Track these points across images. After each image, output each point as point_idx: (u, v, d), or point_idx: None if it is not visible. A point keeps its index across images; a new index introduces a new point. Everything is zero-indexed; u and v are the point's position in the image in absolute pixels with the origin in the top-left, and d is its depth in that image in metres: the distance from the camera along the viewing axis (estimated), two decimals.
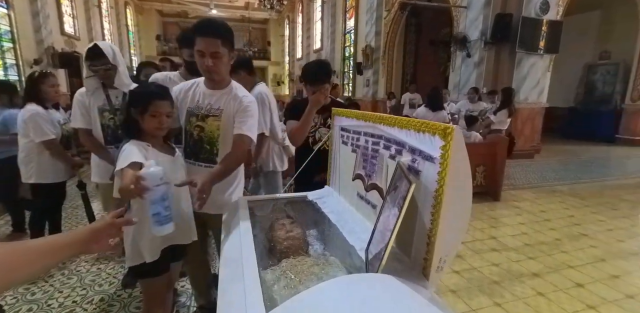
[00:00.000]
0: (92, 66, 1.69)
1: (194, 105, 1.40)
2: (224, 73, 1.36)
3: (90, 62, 1.69)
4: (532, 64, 6.00)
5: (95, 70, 1.70)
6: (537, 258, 2.43)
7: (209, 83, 1.39)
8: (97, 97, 1.78)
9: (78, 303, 1.85)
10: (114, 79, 1.74)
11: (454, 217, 0.67)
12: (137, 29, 18.66)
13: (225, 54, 1.29)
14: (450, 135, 0.64)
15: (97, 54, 1.67)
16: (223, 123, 1.37)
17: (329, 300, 0.56)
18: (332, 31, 13.48)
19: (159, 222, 0.88)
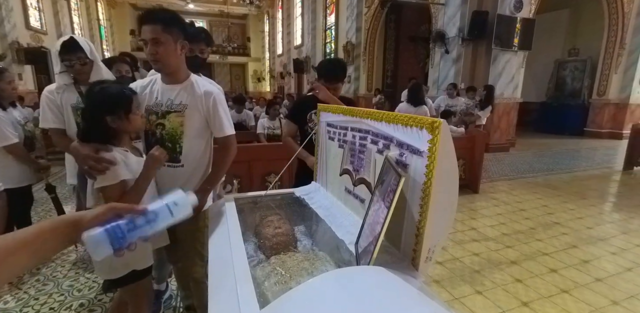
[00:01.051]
0: (67, 60, 1.59)
1: (152, 103, 1.33)
2: (172, 63, 1.25)
3: (65, 56, 1.59)
4: (507, 60, 6.21)
5: (70, 65, 1.60)
6: (514, 246, 2.55)
7: (165, 78, 1.33)
8: (69, 95, 1.67)
9: (56, 309, 1.78)
10: (89, 74, 1.65)
11: (442, 208, 0.69)
12: (110, 24, 17.88)
13: (169, 41, 1.20)
14: (437, 129, 0.66)
15: (73, 48, 1.58)
16: (187, 119, 1.31)
17: (323, 294, 0.57)
18: (312, 27, 13.40)
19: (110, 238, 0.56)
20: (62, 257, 2.35)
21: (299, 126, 1.89)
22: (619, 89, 7.82)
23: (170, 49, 1.22)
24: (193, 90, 1.32)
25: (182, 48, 1.27)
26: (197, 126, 1.33)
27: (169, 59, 1.23)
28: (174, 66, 1.28)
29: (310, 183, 1.39)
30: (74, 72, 1.64)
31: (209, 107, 1.31)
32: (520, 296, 1.92)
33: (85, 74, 1.64)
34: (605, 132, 8.03)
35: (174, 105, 1.31)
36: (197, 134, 1.35)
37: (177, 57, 1.26)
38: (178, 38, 1.24)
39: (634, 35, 7.48)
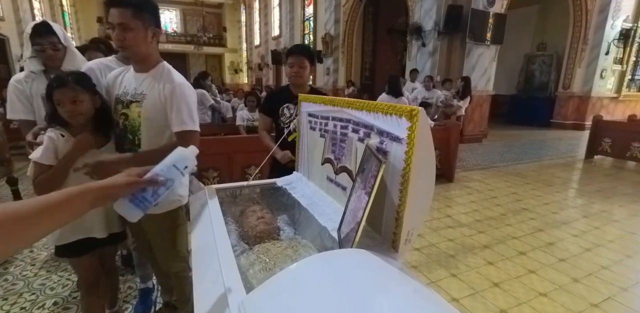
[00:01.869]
0: (38, 45, 1.50)
1: (121, 92, 1.28)
2: (142, 51, 1.19)
3: (36, 40, 1.50)
4: (480, 54, 6.40)
5: (41, 50, 1.51)
6: (486, 232, 2.69)
7: (134, 65, 1.27)
8: (39, 84, 1.56)
9: (27, 309, 1.71)
10: (62, 61, 1.56)
11: (420, 192, 0.73)
12: (74, 10, 16.76)
13: (139, 28, 1.14)
14: (416, 116, 0.68)
15: (46, 31, 1.51)
16: (145, 109, 1.22)
17: (308, 276, 0.59)
18: (290, 18, 13.19)
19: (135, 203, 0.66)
20: (31, 255, 2.25)
21: (273, 119, 1.88)
22: (582, 82, 8.28)
23: (140, 36, 1.15)
24: (157, 79, 1.24)
25: (154, 35, 1.20)
26: (156, 118, 1.23)
27: (139, 46, 1.17)
28: (143, 54, 1.21)
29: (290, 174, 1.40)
30: (45, 58, 1.54)
31: (166, 97, 1.21)
32: (491, 277, 2.05)
33: (58, 60, 1.56)
34: (570, 123, 8.51)
35: (136, 95, 1.24)
36: (157, 126, 1.25)
37: (147, 45, 1.20)
38: (150, 25, 1.17)
39: (596, 31, 7.90)
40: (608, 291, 1.92)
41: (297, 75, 1.78)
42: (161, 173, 0.68)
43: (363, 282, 0.57)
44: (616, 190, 3.81)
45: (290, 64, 1.77)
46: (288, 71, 1.80)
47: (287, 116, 1.81)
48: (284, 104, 1.83)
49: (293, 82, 1.82)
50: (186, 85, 1.26)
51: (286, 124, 1.81)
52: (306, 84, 1.87)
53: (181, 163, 0.70)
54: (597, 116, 5.41)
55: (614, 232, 2.73)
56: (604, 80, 8.26)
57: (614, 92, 8.67)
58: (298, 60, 1.76)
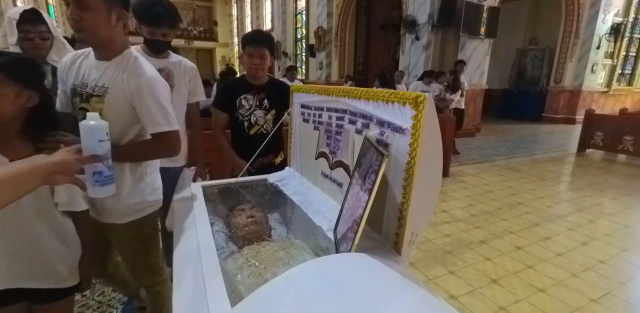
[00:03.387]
0: (25, 32, 1.43)
1: (78, 82, 1.08)
2: (102, 35, 1.00)
3: (24, 27, 1.43)
4: (474, 48, 6.35)
5: (28, 38, 1.44)
6: (482, 227, 2.65)
7: (95, 51, 1.07)
8: None
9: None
10: (48, 51, 1.47)
11: (427, 189, 0.65)
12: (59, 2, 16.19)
13: (100, 7, 0.95)
14: (422, 103, 0.61)
15: (34, 19, 1.45)
16: (107, 107, 1.03)
17: (302, 286, 0.51)
18: (282, 11, 12.94)
19: (99, 182, 0.78)
20: None
21: (230, 114, 1.69)
22: (573, 76, 8.31)
23: (101, 17, 0.96)
24: (121, 70, 1.04)
25: (119, 19, 1.01)
26: (120, 116, 1.04)
27: (98, 29, 0.98)
28: (103, 38, 1.01)
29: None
30: (31, 47, 1.46)
31: (132, 93, 1.02)
32: (489, 273, 2.00)
33: (44, 50, 1.49)
34: (561, 117, 8.56)
35: (97, 88, 1.04)
36: (122, 125, 1.05)
37: (110, 29, 1.00)
38: (114, 6, 0.99)
39: (588, 26, 7.91)
40: (606, 286, 1.90)
41: (257, 67, 1.60)
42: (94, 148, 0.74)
43: (366, 294, 0.50)
44: (608, 183, 3.82)
45: (249, 53, 1.59)
46: (246, 62, 1.61)
47: (247, 108, 1.66)
48: (241, 95, 1.66)
49: (253, 74, 1.64)
50: (156, 78, 1.07)
51: (246, 116, 1.67)
52: (264, 76, 1.71)
53: (100, 134, 0.75)
54: (590, 110, 5.42)
55: (609, 225, 2.72)
56: (594, 75, 8.30)
57: (605, 86, 8.73)
58: (258, 51, 1.57)
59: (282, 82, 1.87)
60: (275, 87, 1.73)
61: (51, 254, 0.94)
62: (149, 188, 1.16)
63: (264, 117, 1.70)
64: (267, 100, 1.69)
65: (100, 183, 0.77)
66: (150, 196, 1.17)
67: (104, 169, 0.77)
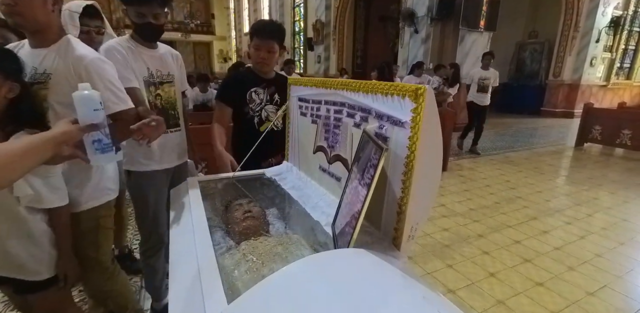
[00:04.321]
0: (86, 26, 1.48)
1: None
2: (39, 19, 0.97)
3: (85, 21, 1.48)
4: (474, 41, 6.30)
5: (87, 32, 1.48)
6: (480, 220, 2.65)
7: (30, 39, 1.05)
8: None
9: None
10: (100, 44, 1.45)
11: (426, 183, 0.64)
12: None
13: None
14: (422, 96, 0.59)
15: (95, 14, 1.51)
16: (51, 92, 1.02)
17: (300, 282, 0.50)
18: (280, 4, 12.78)
19: (100, 149, 0.80)
20: None
21: (236, 109, 1.54)
22: (572, 70, 8.27)
23: (37, 1, 0.93)
24: (62, 55, 1.02)
25: (55, 3, 0.98)
26: (66, 101, 1.00)
27: (35, 14, 0.94)
28: (41, 24, 0.98)
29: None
30: (87, 40, 1.43)
31: (81, 76, 1.00)
32: (487, 267, 2.01)
33: (98, 43, 1.48)
34: (560, 111, 8.55)
35: (37, 75, 1.02)
36: (68, 111, 1.02)
37: (47, 13, 0.97)
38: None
39: (587, 18, 7.84)
40: (603, 279, 1.91)
41: (264, 62, 1.48)
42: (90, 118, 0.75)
43: (365, 290, 0.49)
44: (607, 177, 3.82)
45: (255, 46, 1.46)
46: (253, 54, 1.49)
47: (257, 102, 1.54)
48: (251, 88, 1.53)
49: (259, 69, 1.54)
50: (101, 59, 1.06)
51: (257, 111, 1.54)
52: (272, 70, 1.59)
53: (94, 103, 0.76)
54: (588, 104, 5.41)
55: (606, 219, 2.73)
56: (593, 68, 8.26)
57: (603, 80, 8.70)
58: (266, 44, 1.45)
59: (285, 77, 1.79)
60: (283, 81, 1.51)
61: (16, 250, 0.95)
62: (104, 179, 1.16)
63: (275, 113, 1.55)
64: (277, 94, 1.56)
65: (100, 151, 0.80)
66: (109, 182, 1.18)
67: (102, 137, 0.78)
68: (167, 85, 1.37)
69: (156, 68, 1.33)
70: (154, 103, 1.33)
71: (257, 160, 1.37)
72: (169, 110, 1.39)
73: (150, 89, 1.31)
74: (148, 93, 1.30)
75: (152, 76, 1.31)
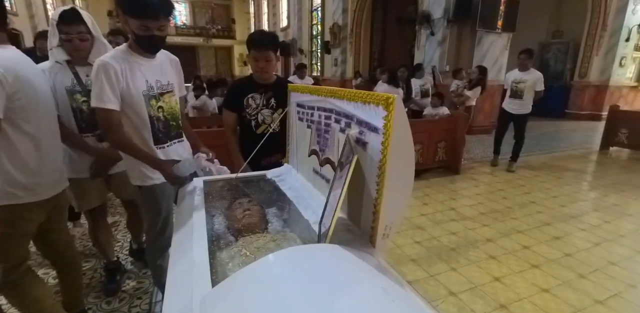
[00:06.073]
0: (65, 33, 1.38)
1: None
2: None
3: (63, 28, 1.38)
4: (491, 42, 6.18)
5: (67, 39, 1.39)
6: (490, 225, 2.62)
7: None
8: (63, 76, 1.46)
9: None
10: (88, 52, 1.45)
11: (398, 185, 0.69)
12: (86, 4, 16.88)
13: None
14: (392, 104, 0.64)
15: (74, 19, 1.39)
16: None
17: (273, 270, 0.57)
18: (298, 8, 12.99)
19: None
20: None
21: (238, 113, 1.70)
22: (600, 71, 7.93)
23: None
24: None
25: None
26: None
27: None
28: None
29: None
30: (71, 48, 1.42)
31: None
32: (492, 272, 2.00)
33: (84, 51, 1.44)
34: (585, 113, 8.20)
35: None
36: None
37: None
38: None
39: (616, 16, 7.51)
40: (615, 287, 1.85)
41: (262, 71, 1.60)
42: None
43: (329, 280, 0.54)
44: (631, 183, 3.66)
45: (254, 57, 1.58)
46: (252, 64, 1.62)
47: (253, 107, 1.68)
48: (248, 94, 1.67)
49: (259, 77, 1.66)
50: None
51: (253, 115, 1.68)
52: (272, 76, 1.71)
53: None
54: (614, 106, 5.18)
55: (627, 226, 2.63)
56: (623, 69, 7.88)
57: (634, 80, 8.28)
58: (263, 55, 1.56)
59: (289, 81, 1.89)
60: (283, 86, 1.67)
61: None
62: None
63: (270, 116, 1.71)
64: (274, 99, 1.70)
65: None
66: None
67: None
68: (168, 95, 1.35)
69: (156, 78, 1.30)
70: (156, 116, 1.30)
71: (257, 160, 1.48)
72: (171, 121, 1.37)
73: (151, 102, 1.28)
74: (149, 107, 1.27)
75: (151, 89, 1.28)
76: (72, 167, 1.53)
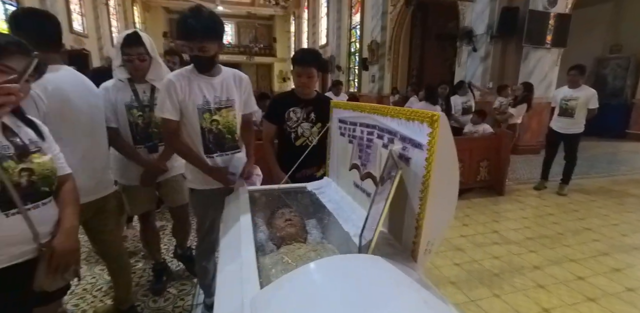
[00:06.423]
0: (127, 55, 1.53)
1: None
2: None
3: (126, 50, 1.53)
4: (539, 58, 5.92)
5: (129, 60, 1.54)
6: (538, 251, 2.44)
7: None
8: (124, 93, 1.61)
9: (89, 290, 1.92)
10: (147, 71, 1.60)
11: (441, 201, 0.70)
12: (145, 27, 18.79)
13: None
14: (436, 122, 0.67)
15: (135, 42, 1.53)
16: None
17: (316, 277, 0.60)
18: (337, 27, 13.41)
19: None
20: None
21: (278, 126, 1.79)
22: None
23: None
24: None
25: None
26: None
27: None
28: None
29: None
30: (132, 68, 1.57)
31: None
32: (541, 302, 1.85)
33: (143, 70, 1.59)
34: None
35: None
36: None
37: None
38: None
39: None
40: None
41: (304, 86, 1.71)
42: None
43: (371, 289, 0.56)
44: None
45: (297, 73, 1.68)
46: (295, 80, 1.73)
47: (294, 120, 1.76)
48: (290, 108, 1.76)
49: (301, 91, 1.76)
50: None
51: (293, 128, 1.76)
52: (313, 91, 1.81)
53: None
54: None
55: None
56: None
57: None
58: (306, 71, 1.67)
59: (328, 98, 1.97)
60: (322, 102, 1.79)
61: None
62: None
63: (309, 130, 1.79)
64: (314, 113, 1.78)
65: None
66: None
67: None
68: (226, 110, 1.42)
69: (214, 95, 1.39)
70: (208, 128, 1.40)
71: (293, 171, 1.54)
72: (226, 134, 1.45)
73: (205, 115, 1.38)
74: (202, 119, 1.38)
75: (207, 103, 1.38)
76: (126, 175, 1.70)
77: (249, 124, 1.61)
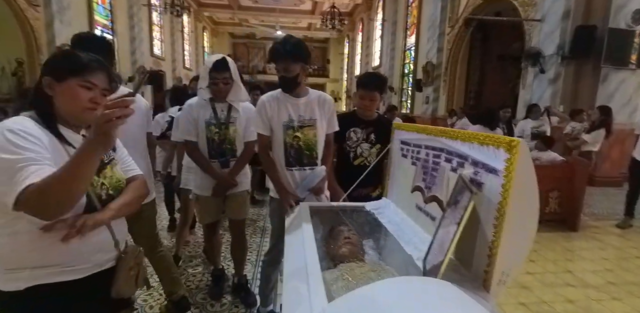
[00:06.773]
0: (213, 78, 1.69)
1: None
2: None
3: (213, 74, 1.69)
4: (622, 80, 5.35)
5: (214, 83, 1.70)
6: (623, 299, 2.11)
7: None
8: (205, 111, 1.77)
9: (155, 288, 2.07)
10: (228, 93, 1.76)
11: (519, 230, 0.67)
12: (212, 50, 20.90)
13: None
14: (515, 148, 0.66)
15: (223, 67, 1.69)
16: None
17: (388, 296, 0.60)
18: (391, 48, 13.57)
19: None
20: None
21: (338, 145, 1.85)
22: None
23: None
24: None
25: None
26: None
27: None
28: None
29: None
30: (216, 90, 1.73)
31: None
32: None
33: (224, 92, 1.75)
34: None
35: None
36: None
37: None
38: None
39: None
40: None
41: (366, 108, 1.80)
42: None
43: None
44: None
45: (360, 95, 1.79)
46: (358, 102, 1.81)
47: (354, 140, 1.83)
48: (351, 128, 1.83)
49: (361, 113, 1.85)
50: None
51: (352, 147, 1.83)
52: (374, 113, 1.89)
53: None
54: None
55: None
56: None
57: None
58: (369, 95, 1.76)
59: (389, 120, 2.01)
60: (383, 123, 1.86)
61: None
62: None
63: (368, 150, 1.85)
64: (374, 134, 1.85)
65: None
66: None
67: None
68: (307, 129, 1.58)
69: (298, 114, 1.56)
70: (289, 143, 1.57)
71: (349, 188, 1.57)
72: (305, 150, 1.59)
73: (288, 132, 1.56)
74: (285, 135, 1.56)
75: (291, 121, 1.56)
76: (200, 185, 1.86)
77: (329, 144, 1.70)
